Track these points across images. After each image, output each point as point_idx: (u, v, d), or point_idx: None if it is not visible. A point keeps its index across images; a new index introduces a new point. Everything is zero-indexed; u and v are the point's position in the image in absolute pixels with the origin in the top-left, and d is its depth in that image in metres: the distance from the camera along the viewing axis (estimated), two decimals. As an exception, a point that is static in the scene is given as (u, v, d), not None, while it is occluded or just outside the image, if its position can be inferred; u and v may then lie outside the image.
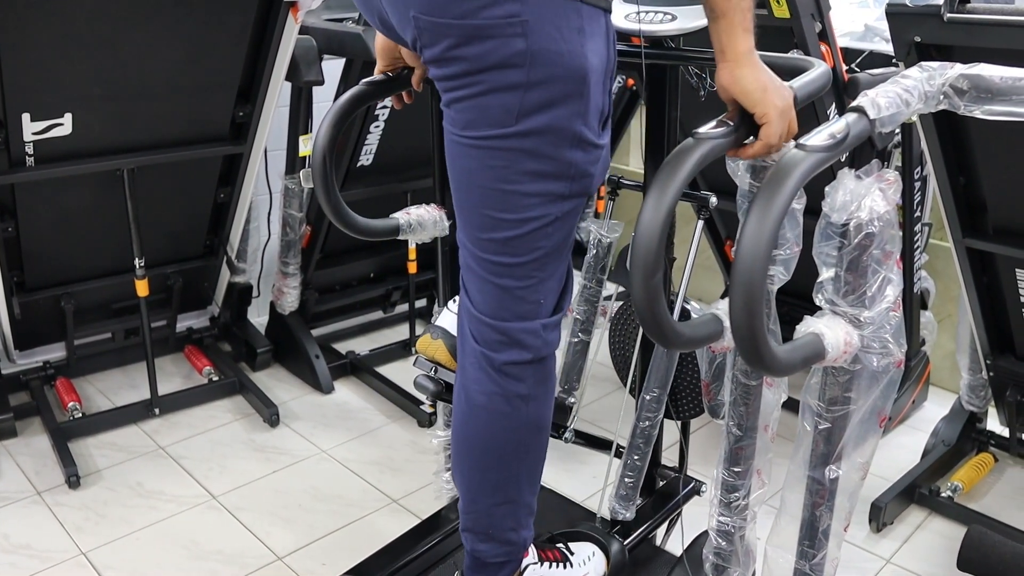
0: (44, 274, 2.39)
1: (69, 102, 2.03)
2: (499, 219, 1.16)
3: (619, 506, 1.55)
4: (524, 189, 1.13)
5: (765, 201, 0.88)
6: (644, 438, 1.52)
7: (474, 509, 1.30)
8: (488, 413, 1.23)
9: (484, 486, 1.28)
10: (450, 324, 1.42)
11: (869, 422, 1.16)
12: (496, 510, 1.29)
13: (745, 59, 1.05)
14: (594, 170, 1.17)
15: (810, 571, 1.21)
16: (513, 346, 1.20)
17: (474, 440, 1.26)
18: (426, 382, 1.44)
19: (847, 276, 1.08)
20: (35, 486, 2.17)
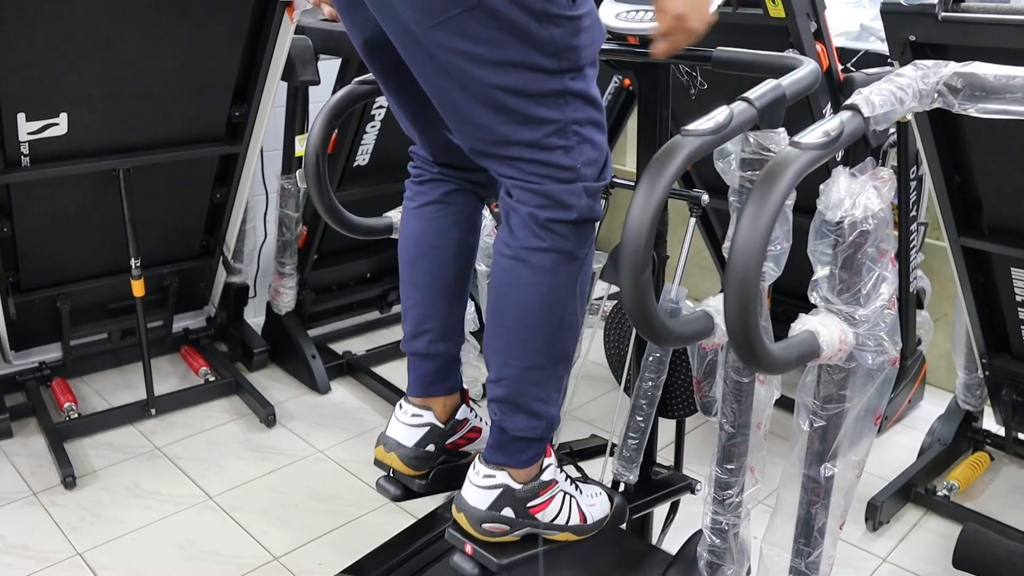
0: (40, 274, 2.38)
1: (65, 102, 2.03)
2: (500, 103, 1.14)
3: (623, 468, 1.54)
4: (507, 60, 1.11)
5: (759, 198, 0.88)
6: (647, 398, 1.50)
7: (505, 375, 1.25)
8: (529, 268, 1.21)
9: (518, 346, 1.24)
10: (400, 435, 1.43)
11: (864, 420, 1.16)
12: (527, 375, 1.25)
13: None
14: (577, 41, 1.14)
15: (806, 569, 1.21)
16: (557, 206, 1.19)
17: (512, 297, 1.23)
18: (388, 484, 1.45)
19: (842, 274, 1.08)
20: (31, 487, 2.17)
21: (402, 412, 1.44)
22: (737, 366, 1.24)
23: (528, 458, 1.30)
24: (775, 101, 1.11)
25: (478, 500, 1.28)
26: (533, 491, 1.30)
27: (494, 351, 1.27)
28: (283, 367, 2.78)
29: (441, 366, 1.43)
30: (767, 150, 1.14)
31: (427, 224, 1.38)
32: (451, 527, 1.32)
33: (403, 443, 1.42)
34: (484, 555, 1.29)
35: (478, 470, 1.30)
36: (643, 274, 0.93)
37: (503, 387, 1.26)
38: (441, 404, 1.44)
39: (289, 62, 2.27)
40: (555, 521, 1.33)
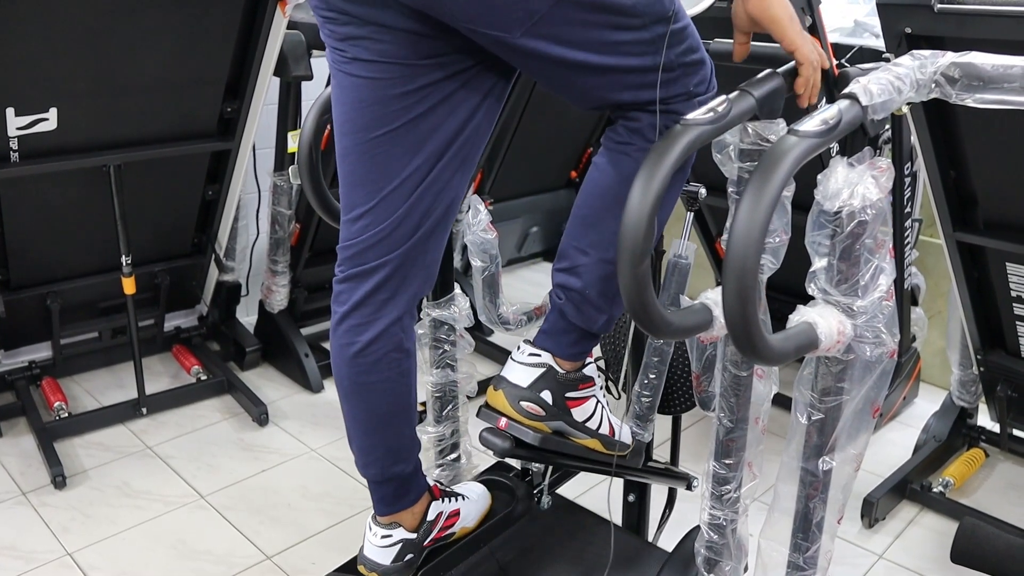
0: (29, 272, 2.36)
1: (54, 97, 2.01)
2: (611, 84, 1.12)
3: (636, 427, 1.53)
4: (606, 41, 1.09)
5: (758, 186, 0.87)
6: (659, 355, 1.49)
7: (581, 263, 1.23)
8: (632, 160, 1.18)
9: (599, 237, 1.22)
10: (376, 556, 1.42)
11: (862, 413, 1.15)
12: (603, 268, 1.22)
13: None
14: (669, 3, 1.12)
15: (804, 564, 1.20)
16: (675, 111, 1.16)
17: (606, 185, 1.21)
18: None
19: (840, 265, 1.07)
20: (20, 487, 2.14)
21: (372, 534, 1.44)
22: (736, 360, 1.23)
23: (576, 352, 1.29)
24: (773, 91, 1.10)
25: (520, 377, 1.27)
26: (574, 381, 1.29)
27: (574, 239, 1.25)
28: (276, 366, 2.77)
29: (400, 484, 1.42)
30: (766, 140, 1.13)
31: (355, 363, 1.32)
32: (484, 407, 1.30)
33: (381, 562, 1.42)
34: (520, 428, 1.26)
35: (523, 349, 1.29)
36: (641, 265, 0.92)
37: (575, 275, 1.24)
38: (409, 515, 1.44)
39: (281, 57, 2.26)
40: (587, 423, 1.32)
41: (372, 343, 1.30)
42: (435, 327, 1.59)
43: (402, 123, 1.19)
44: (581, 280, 1.24)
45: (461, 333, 1.62)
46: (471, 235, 1.57)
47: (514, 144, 2.76)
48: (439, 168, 1.23)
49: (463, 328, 1.62)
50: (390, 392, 1.34)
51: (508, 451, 1.28)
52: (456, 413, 1.67)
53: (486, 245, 1.57)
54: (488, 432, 1.29)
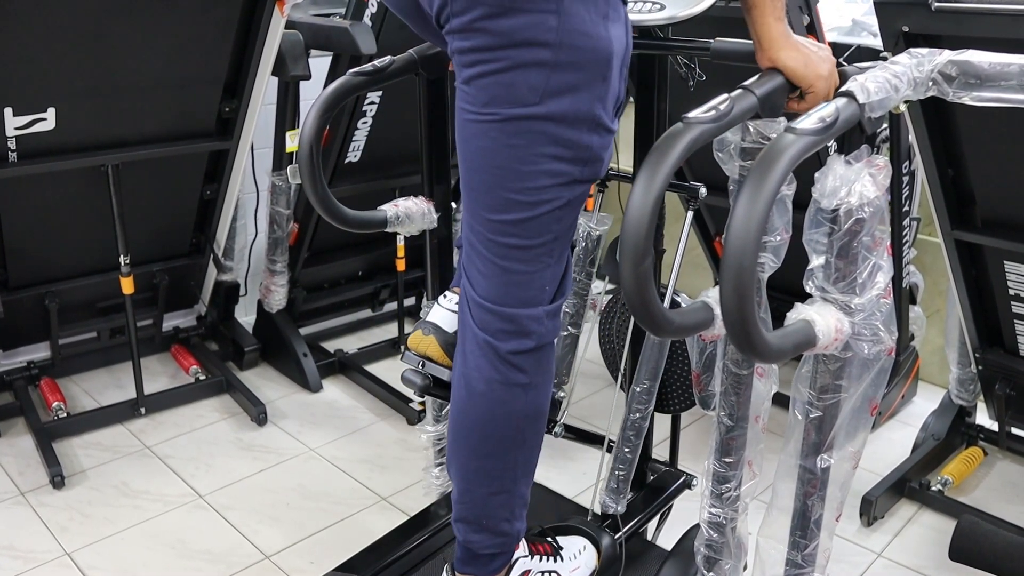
0: (27, 272, 2.36)
1: (52, 96, 2.01)
2: (514, 200, 1.15)
3: (609, 500, 1.54)
4: (541, 169, 1.13)
5: (755, 184, 0.87)
6: (635, 431, 1.51)
7: (469, 499, 1.29)
8: (487, 401, 1.23)
9: (480, 475, 1.27)
10: (441, 319, 1.41)
11: (860, 411, 1.15)
12: (491, 500, 1.28)
13: (779, 42, 1.12)
14: (605, 155, 1.18)
15: (802, 561, 1.21)
16: (517, 334, 1.21)
17: (472, 427, 1.26)
18: (414, 376, 1.42)
19: (837, 263, 1.07)
20: (19, 487, 2.14)
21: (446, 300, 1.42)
22: (736, 358, 1.23)
23: (495, 567, 1.33)
24: (775, 89, 1.10)
25: None
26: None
27: (457, 472, 1.31)
28: (274, 365, 2.77)
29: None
30: (767, 139, 1.13)
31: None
32: None
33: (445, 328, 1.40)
34: None
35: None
36: (643, 263, 0.92)
37: (467, 508, 1.30)
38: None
39: (280, 57, 2.26)
40: None
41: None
42: (434, 326, 1.59)
43: None
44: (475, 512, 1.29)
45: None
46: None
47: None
48: None
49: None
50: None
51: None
52: (455, 412, 1.66)
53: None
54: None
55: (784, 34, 1.13)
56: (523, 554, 1.36)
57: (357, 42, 2.18)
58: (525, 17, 1.06)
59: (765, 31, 1.12)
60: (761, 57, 1.14)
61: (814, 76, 1.12)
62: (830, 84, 1.15)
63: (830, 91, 1.15)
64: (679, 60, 1.46)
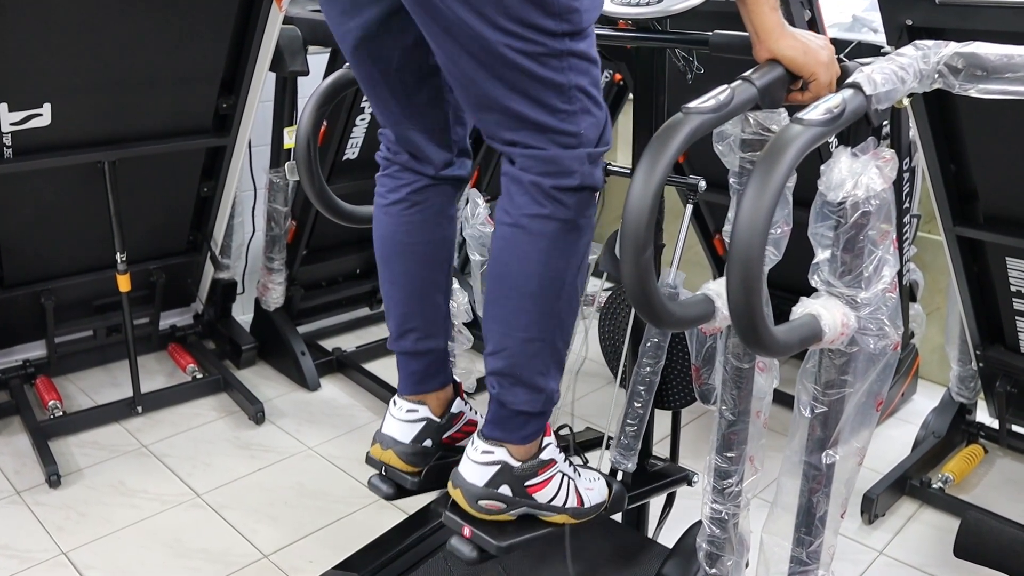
0: (23, 270, 2.34)
1: (48, 92, 2.00)
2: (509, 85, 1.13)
3: (621, 456, 1.51)
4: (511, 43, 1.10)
5: (762, 175, 0.86)
6: (645, 384, 1.47)
7: (504, 346, 1.23)
8: (529, 236, 1.19)
9: (518, 317, 1.22)
10: (396, 432, 1.41)
11: (866, 406, 1.14)
12: (527, 347, 1.23)
13: (776, 33, 1.11)
14: (579, 4, 1.13)
15: (807, 558, 1.20)
16: (560, 173, 1.18)
17: (511, 265, 1.22)
18: (380, 483, 1.42)
19: (843, 256, 1.06)
20: (15, 486, 2.12)
21: (396, 408, 1.42)
22: (737, 352, 1.22)
23: (527, 434, 1.27)
24: (776, 80, 1.09)
25: (475, 476, 1.26)
26: (532, 469, 1.28)
27: (493, 322, 1.25)
28: (272, 364, 2.75)
29: (431, 362, 1.41)
30: (768, 130, 1.12)
31: (397, 222, 1.37)
32: (448, 509, 1.29)
33: (400, 439, 1.40)
34: (483, 538, 1.25)
35: (476, 446, 1.27)
36: (644, 254, 0.91)
37: (502, 359, 1.24)
38: (435, 399, 1.42)
39: (277, 53, 2.25)
40: (552, 502, 1.31)
41: (420, 203, 1.34)
42: (434, 322, 1.58)
43: None
44: (510, 362, 1.24)
45: (459, 328, 1.61)
46: (469, 229, 1.56)
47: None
48: None
49: (462, 323, 1.61)
50: (432, 256, 1.37)
51: (477, 560, 1.29)
52: (454, 409, 1.65)
53: (485, 239, 1.56)
54: (456, 540, 1.30)
55: (780, 24, 1.12)
56: (552, 442, 1.32)
57: (355, 38, 2.16)
58: None
59: (761, 22, 1.11)
60: (759, 49, 1.13)
61: (815, 64, 1.11)
62: (831, 72, 1.14)
63: (832, 80, 1.14)
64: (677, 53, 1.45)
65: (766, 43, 1.12)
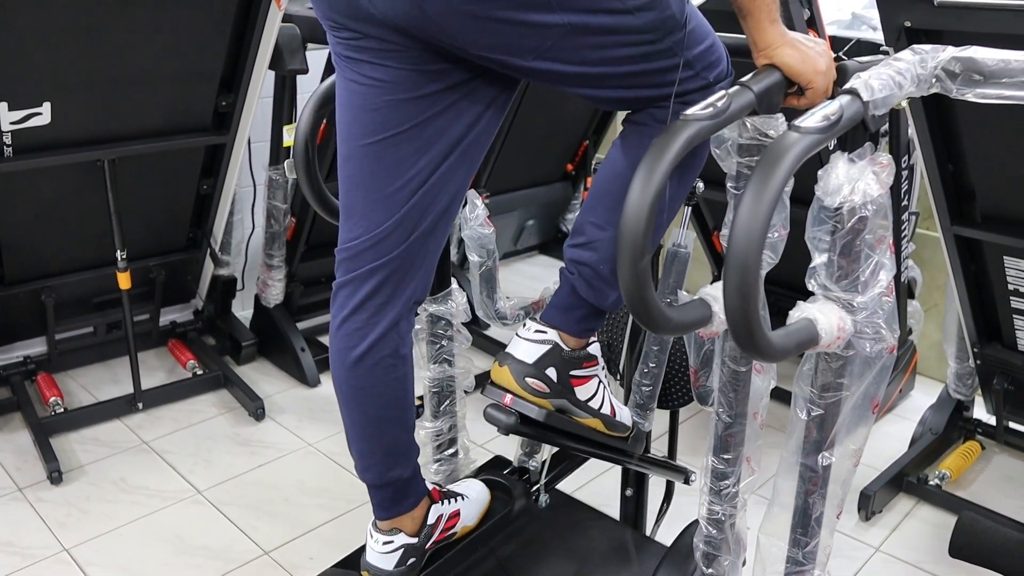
0: (23, 267, 2.35)
1: (48, 91, 2.00)
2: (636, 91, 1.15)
3: (637, 416, 1.53)
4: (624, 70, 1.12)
5: (759, 182, 0.87)
6: (659, 343, 1.48)
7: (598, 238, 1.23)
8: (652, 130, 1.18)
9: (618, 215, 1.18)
10: (379, 562, 1.42)
11: (862, 408, 1.15)
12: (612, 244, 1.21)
13: (776, 43, 1.12)
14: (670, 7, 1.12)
15: (803, 559, 1.21)
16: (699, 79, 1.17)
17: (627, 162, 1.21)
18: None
19: (840, 261, 1.07)
20: (16, 482, 2.14)
21: (374, 541, 1.44)
22: (734, 355, 1.23)
23: (584, 329, 1.30)
24: (773, 86, 1.10)
25: (525, 353, 1.28)
26: (579, 359, 1.30)
27: (591, 215, 1.25)
28: (272, 360, 2.76)
29: (398, 489, 1.42)
30: (765, 136, 1.13)
31: (353, 369, 1.33)
32: (489, 383, 1.30)
33: (384, 568, 1.43)
34: (525, 404, 1.26)
35: (529, 326, 1.29)
36: (642, 261, 0.92)
37: (590, 250, 1.24)
38: (410, 519, 1.44)
39: (276, 50, 2.24)
40: (590, 402, 1.34)
41: (369, 349, 1.31)
42: (432, 322, 1.59)
43: (410, 126, 1.20)
44: (596, 255, 1.24)
45: (458, 328, 1.62)
46: (468, 230, 1.56)
47: (511, 137, 2.75)
48: (444, 168, 1.23)
49: (460, 323, 1.61)
50: (385, 397, 1.35)
51: (513, 427, 1.28)
52: (453, 408, 1.66)
53: (483, 240, 1.57)
54: (493, 408, 1.30)
55: (780, 34, 1.12)
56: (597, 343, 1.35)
57: (354, 36, 2.16)
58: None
59: (761, 35, 1.12)
60: (758, 57, 1.14)
61: (812, 72, 1.12)
62: (828, 79, 1.14)
63: (829, 86, 1.14)
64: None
65: (765, 52, 1.13)
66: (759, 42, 1.12)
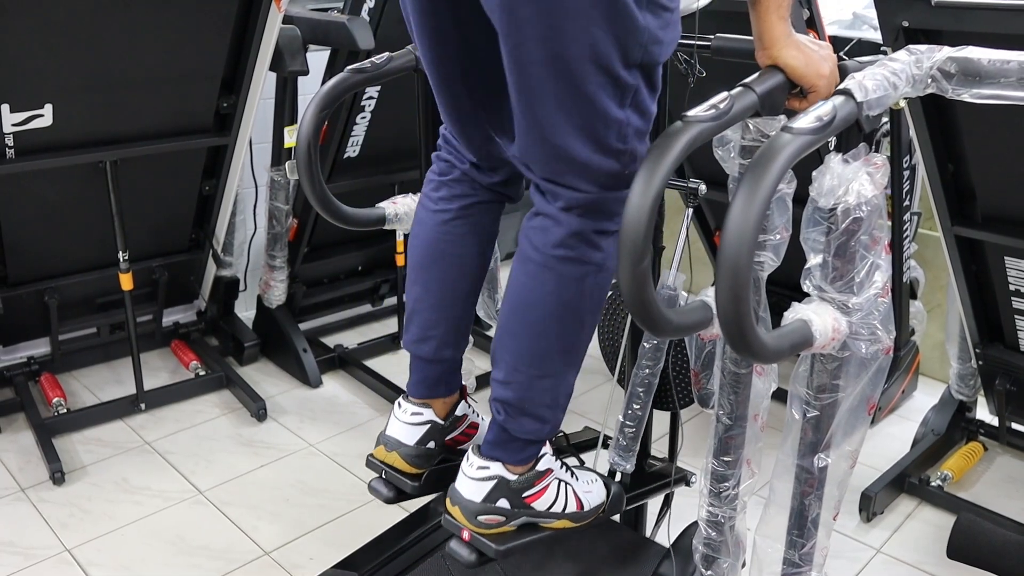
0: (27, 268, 2.36)
1: (49, 93, 2.01)
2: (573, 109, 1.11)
3: (619, 458, 1.52)
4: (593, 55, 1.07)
5: (751, 184, 0.87)
6: (644, 386, 1.48)
7: (514, 379, 1.24)
8: (559, 279, 1.19)
9: (531, 354, 1.23)
10: (400, 434, 1.42)
11: (858, 410, 1.15)
12: (539, 382, 1.24)
13: (781, 42, 1.11)
14: (663, 36, 1.12)
15: (799, 561, 1.20)
16: (602, 216, 1.18)
17: (533, 302, 1.22)
18: (380, 486, 1.43)
19: (835, 262, 1.06)
20: (19, 483, 2.14)
21: (401, 411, 1.43)
22: (735, 357, 1.23)
23: (526, 456, 1.29)
24: (776, 88, 1.09)
25: (473, 492, 1.27)
26: (528, 481, 1.29)
27: (506, 352, 1.25)
28: (274, 361, 2.77)
29: (446, 370, 1.42)
30: (767, 137, 1.12)
31: (444, 231, 1.35)
32: (444, 516, 1.31)
33: (404, 442, 1.41)
34: (482, 541, 1.27)
35: (472, 462, 1.28)
36: (642, 263, 0.92)
37: (511, 390, 1.25)
38: (441, 403, 1.43)
39: (277, 52, 2.25)
40: (552, 509, 1.32)
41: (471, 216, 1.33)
42: (432, 323, 1.59)
43: None
44: (519, 395, 1.25)
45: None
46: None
47: (512, 138, 2.75)
48: None
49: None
50: (468, 267, 1.36)
51: (476, 563, 1.29)
52: (453, 409, 1.66)
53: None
54: (455, 543, 1.30)
55: (786, 33, 1.12)
56: (547, 451, 1.34)
57: (355, 37, 2.17)
58: None
59: (767, 30, 1.11)
60: (761, 55, 1.13)
61: (815, 75, 1.11)
62: (831, 83, 1.14)
63: (831, 90, 1.13)
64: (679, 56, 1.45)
65: (769, 50, 1.12)
66: (764, 37, 1.11)
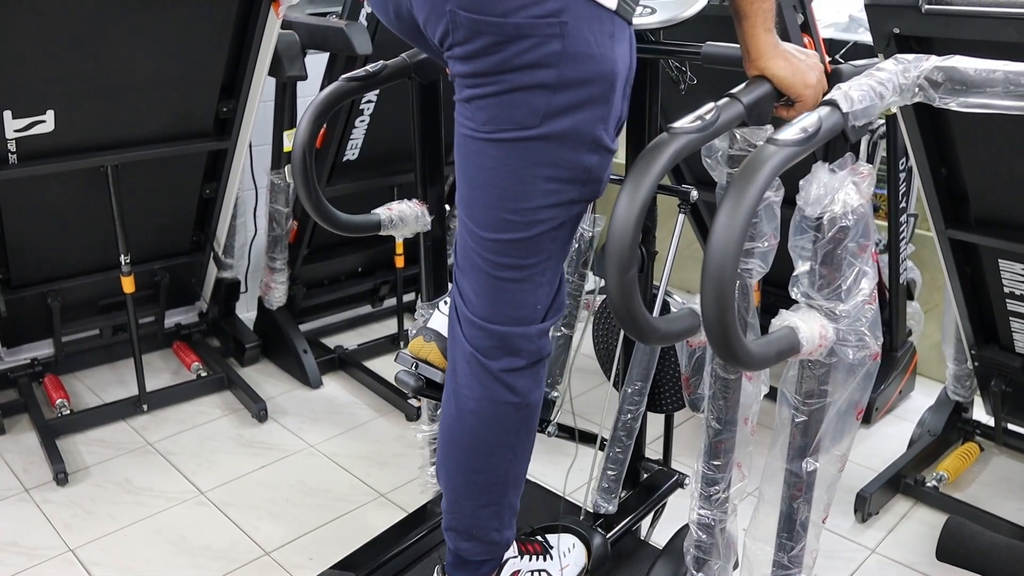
0: (30, 271, 2.38)
1: (51, 99, 2.02)
2: (509, 220, 1.14)
3: (601, 499, 1.56)
4: (539, 189, 1.12)
5: (736, 195, 0.88)
6: (626, 431, 1.52)
7: (458, 509, 1.30)
8: (477, 418, 1.22)
9: (469, 488, 1.28)
10: (441, 326, 1.42)
11: (846, 415, 1.16)
12: (481, 512, 1.29)
13: (768, 53, 1.12)
14: (604, 176, 1.17)
15: (789, 563, 1.22)
16: (508, 352, 1.20)
17: (461, 443, 1.26)
18: (407, 377, 1.43)
19: (822, 269, 1.08)
20: (23, 483, 2.17)
21: (446, 305, 1.43)
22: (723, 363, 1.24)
23: (486, 571, 1.34)
24: (762, 98, 1.11)
25: None
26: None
27: (446, 485, 1.31)
28: (275, 362, 2.78)
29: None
30: (754, 146, 1.14)
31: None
32: None
33: (445, 334, 1.40)
34: None
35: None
36: (628, 272, 0.93)
37: (456, 519, 1.30)
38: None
39: (276, 57, 2.27)
40: None
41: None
42: (429, 326, 1.60)
43: None
44: (464, 523, 1.30)
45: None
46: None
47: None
48: None
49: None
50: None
51: None
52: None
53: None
54: None
55: (773, 44, 1.13)
56: (513, 555, 1.38)
57: (353, 42, 2.19)
58: (528, 42, 1.04)
59: (754, 42, 1.13)
60: (749, 66, 1.15)
61: (801, 85, 1.13)
62: (818, 93, 1.15)
63: (818, 99, 1.15)
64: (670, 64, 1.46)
65: (757, 61, 1.13)
66: (752, 49, 1.13)
